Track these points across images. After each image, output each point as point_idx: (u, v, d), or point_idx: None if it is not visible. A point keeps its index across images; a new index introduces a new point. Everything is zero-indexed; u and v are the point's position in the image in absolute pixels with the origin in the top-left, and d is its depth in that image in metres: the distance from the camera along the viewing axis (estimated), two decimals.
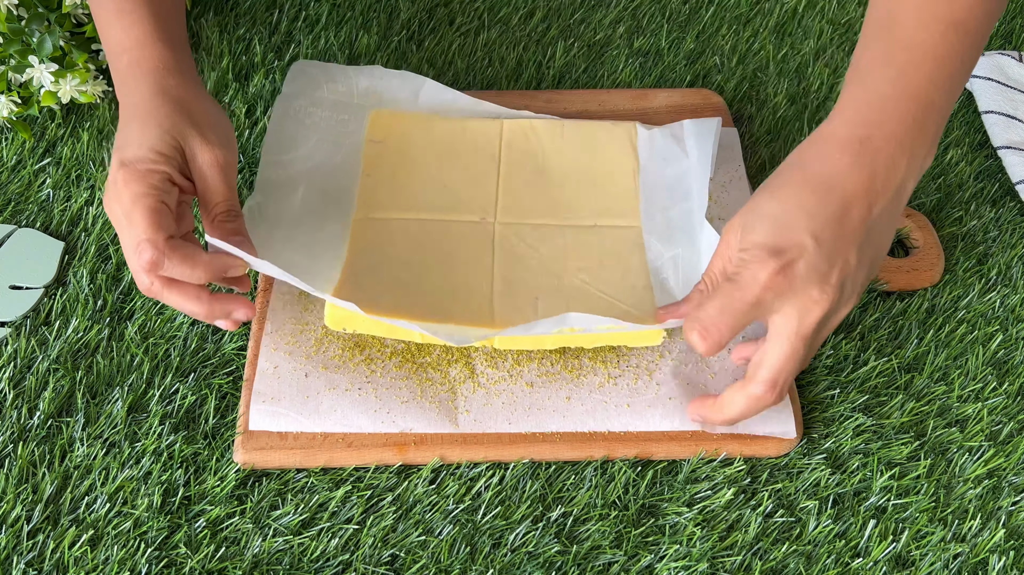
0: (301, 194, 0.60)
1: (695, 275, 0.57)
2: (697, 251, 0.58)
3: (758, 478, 0.53)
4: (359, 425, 0.52)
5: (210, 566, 0.48)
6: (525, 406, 0.53)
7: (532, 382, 0.54)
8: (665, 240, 0.59)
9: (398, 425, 0.52)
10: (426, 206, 0.61)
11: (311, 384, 0.53)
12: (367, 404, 0.53)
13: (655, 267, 0.58)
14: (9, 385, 0.54)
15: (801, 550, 0.50)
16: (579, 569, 0.49)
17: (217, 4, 0.78)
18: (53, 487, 0.51)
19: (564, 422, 0.53)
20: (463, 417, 0.53)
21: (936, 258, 0.62)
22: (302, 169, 0.62)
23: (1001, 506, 0.52)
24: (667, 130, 0.65)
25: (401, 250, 0.58)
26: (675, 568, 0.49)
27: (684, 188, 0.62)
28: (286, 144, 0.63)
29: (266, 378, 0.53)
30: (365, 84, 0.66)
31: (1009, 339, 0.60)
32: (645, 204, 0.62)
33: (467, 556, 0.49)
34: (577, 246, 0.59)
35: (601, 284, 0.57)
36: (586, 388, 0.54)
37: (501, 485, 0.52)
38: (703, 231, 0.57)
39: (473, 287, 0.56)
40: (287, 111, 0.65)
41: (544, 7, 0.80)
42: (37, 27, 0.65)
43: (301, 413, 0.52)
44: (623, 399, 0.53)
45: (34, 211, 0.63)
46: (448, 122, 0.66)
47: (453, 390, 0.53)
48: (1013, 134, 0.70)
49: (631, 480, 0.52)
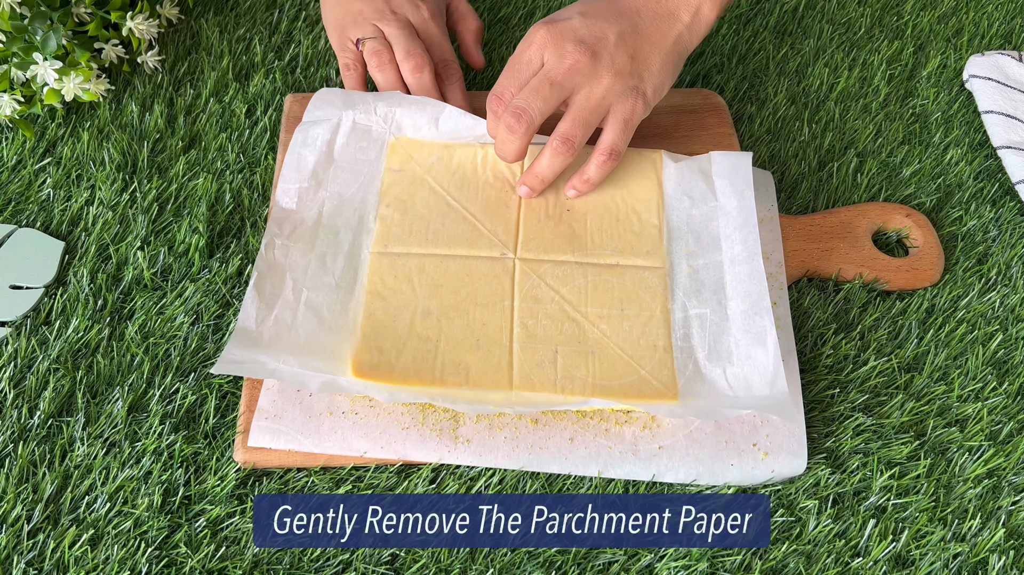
0: (317, 225, 0.59)
1: (722, 340, 0.55)
2: (725, 317, 0.56)
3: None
4: (359, 449, 0.51)
5: (210, 566, 0.48)
6: (527, 443, 0.52)
7: (537, 418, 0.53)
8: (691, 294, 0.57)
9: (397, 452, 0.51)
10: (446, 240, 0.59)
11: (314, 404, 0.53)
12: (368, 428, 0.52)
13: (677, 320, 0.56)
14: (9, 385, 0.54)
15: (801, 550, 0.50)
16: (579, 569, 0.49)
17: (217, 4, 0.78)
18: (53, 487, 0.51)
19: (565, 464, 0.52)
20: (463, 447, 0.52)
21: (936, 258, 0.62)
22: (320, 199, 0.61)
23: (1001, 506, 0.52)
24: (694, 164, 0.63)
25: (420, 296, 0.56)
26: (675, 568, 0.49)
27: (711, 236, 0.60)
28: (304, 172, 0.62)
29: (270, 395, 0.53)
30: (384, 111, 0.65)
31: (1009, 339, 0.60)
32: (669, 244, 0.60)
33: (467, 556, 0.49)
34: (598, 288, 0.57)
35: (621, 340, 0.55)
36: (591, 432, 0.52)
37: (501, 485, 0.52)
38: (758, 325, 0.55)
39: (493, 339, 0.55)
40: (306, 139, 0.63)
41: (544, 7, 0.80)
42: (40, 25, 0.65)
43: (302, 433, 0.52)
44: (627, 447, 0.52)
45: (34, 211, 0.63)
46: (468, 148, 0.64)
47: (455, 419, 0.53)
48: (1013, 134, 0.70)
49: (631, 480, 0.52)
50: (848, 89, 0.75)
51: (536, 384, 0.53)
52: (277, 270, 0.57)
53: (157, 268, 0.60)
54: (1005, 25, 0.81)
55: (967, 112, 0.74)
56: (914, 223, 0.64)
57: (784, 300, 0.59)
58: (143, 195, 0.64)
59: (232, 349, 0.52)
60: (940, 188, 0.68)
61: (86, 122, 0.68)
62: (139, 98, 0.70)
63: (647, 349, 0.55)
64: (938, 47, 0.79)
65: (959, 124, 0.73)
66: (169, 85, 0.71)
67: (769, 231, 0.62)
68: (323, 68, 0.73)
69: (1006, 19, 0.82)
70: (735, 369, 0.54)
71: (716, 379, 0.54)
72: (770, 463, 0.52)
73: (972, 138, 0.72)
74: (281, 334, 0.54)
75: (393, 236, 0.59)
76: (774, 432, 0.52)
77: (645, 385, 0.53)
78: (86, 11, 0.69)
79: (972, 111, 0.74)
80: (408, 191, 0.62)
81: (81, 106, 0.69)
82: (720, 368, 0.54)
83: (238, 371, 0.51)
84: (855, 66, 0.77)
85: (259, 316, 0.54)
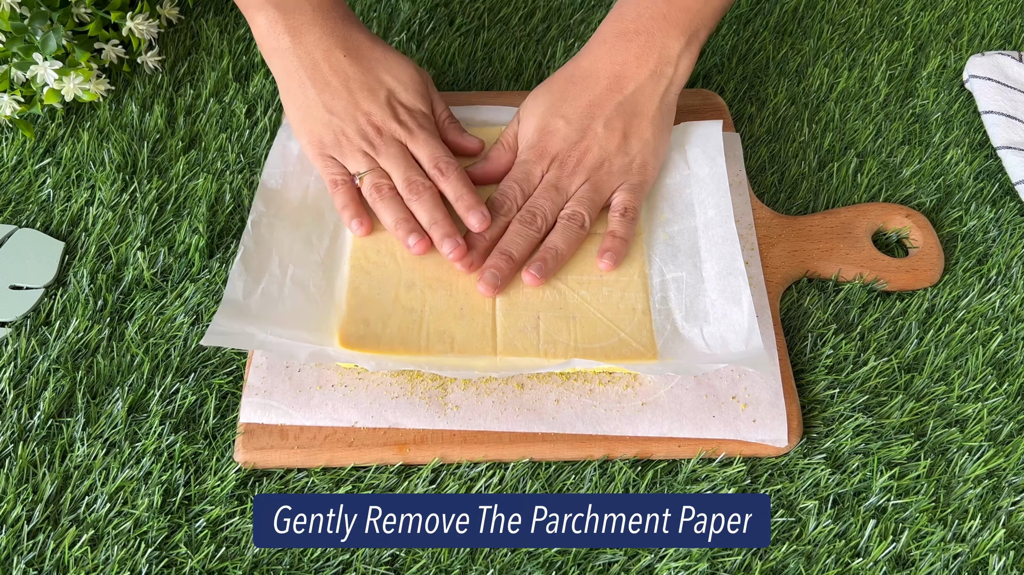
0: (303, 205, 0.61)
1: (698, 301, 0.57)
2: (701, 279, 0.58)
3: (758, 478, 0.53)
4: (349, 419, 0.52)
5: (210, 566, 0.48)
6: (515, 407, 0.53)
7: (523, 383, 0.54)
8: (667, 259, 0.59)
9: (388, 420, 0.52)
10: None
11: (303, 379, 0.53)
12: (357, 399, 0.53)
13: (655, 285, 0.58)
14: (9, 385, 0.54)
15: (801, 550, 0.50)
16: (579, 569, 0.49)
17: (217, 4, 0.78)
18: (53, 487, 0.51)
19: (553, 424, 0.53)
20: (452, 413, 0.53)
21: (936, 258, 0.62)
22: (304, 181, 0.62)
23: (1001, 506, 0.52)
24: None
25: (404, 269, 0.57)
26: (675, 568, 0.49)
27: (685, 202, 0.62)
28: (290, 158, 0.63)
29: (260, 371, 0.54)
30: None
31: (1009, 339, 0.60)
32: (646, 212, 0.62)
33: (467, 556, 0.49)
34: (578, 256, 0.59)
35: (601, 304, 0.56)
36: (576, 392, 0.54)
37: (501, 485, 0.52)
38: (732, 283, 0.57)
39: (476, 307, 0.56)
40: (290, 133, 0.65)
41: (544, 7, 0.80)
42: (40, 26, 0.65)
43: (292, 407, 0.52)
44: (612, 404, 0.53)
45: (34, 211, 0.63)
46: None
47: (444, 387, 0.54)
48: (1013, 134, 0.70)
49: (631, 480, 0.52)
50: (848, 89, 0.75)
51: (520, 349, 0.54)
52: (264, 246, 0.58)
53: (157, 268, 0.60)
54: (1005, 25, 0.81)
55: (967, 112, 0.74)
56: (914, 223, 0.64)
57: (756, 260, 0.61)
58: (143, 195, 0.64)
59: (220, 320, 0.52)
60: (940, 188, 0.68)
61: (86, 122, 0.68)
62: (139, 98, 0.70)
63: (626, 312, 0.56)
64: (938, 47, 0.79)
65: (959, 124, 0.73)
66: (169, 85, 0.71)
67: (738, 195, 0.64)
68: None
69: (1006, 19, 0.82)
70: (712, 328, 0.56)
71: (694, 338, 0.55)
72: (750, 413, 0.53)
73: (972, 138, 0.72)
74: (268, 306, 0.55)
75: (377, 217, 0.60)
76: (752, 386, 0.54)
77: (625, 346, 0.54)
78: (86, 11, 0.69)
79: (972, 111, 0.74)
80: None
81: (81, 106, 0.69)
82: (697, 328, 0.56)
83: (227, 343, 0.51)
84: (855, 66, 0.77)
85: (246, 289, 0.55)
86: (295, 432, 0.52)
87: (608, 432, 0.53)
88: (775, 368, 0.55)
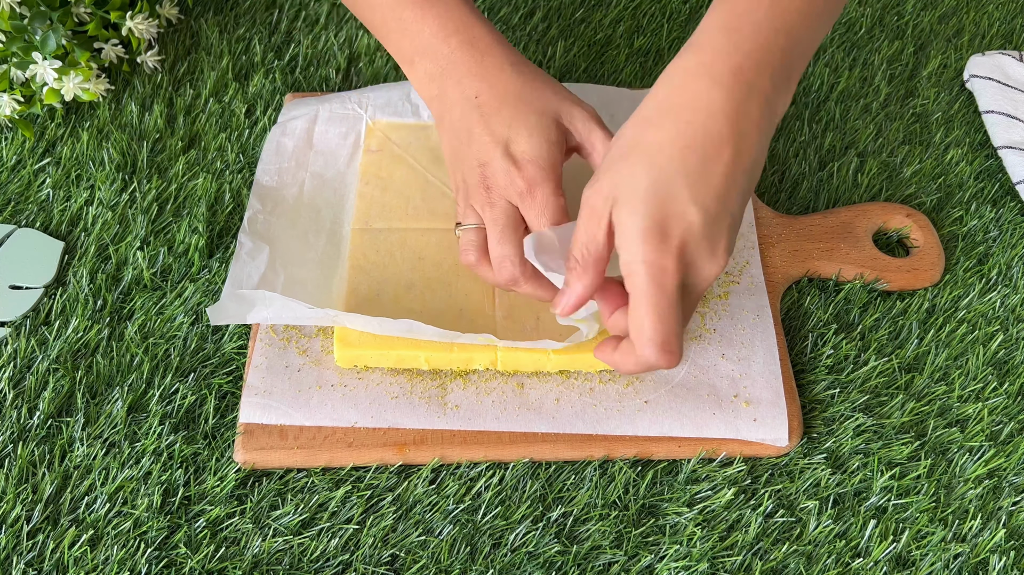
0: (298, 203, 0.61)
1: None
2: None
3: (758, 478, 0.53)
4: (349, 419, 0.52)
5: (210, 566, 0.48)
6: (515, 406, 0.53)
7: (523, 383, 0.54)
8: None
9: (387, 420, 0.52)
10: (426, 214, 0.60)
11: (303, 379, 0.54)
12: (357, 399, 0.53)
13: None
14: (9, 385, 0.54)
15: (801, 550, 0.50)
16: (579, 569, 0.49)
17: (217, 4, 0.78)
18: (53, 487, 0.51)
19: (553, 423, 0.53)
20: (452, 413, 0.53)
21: (936, 258, 0.62)
22: (300, 178, 0.63)
23: (1001, 506, 0.52)
24: None
25: (403, 269, 0.57)
26: (675, 568, 0.49)
27: None
28: (284, 155, 0.64)
29: (259, 372, 0.54)
30: (357, 98, 0.67)
31: (1009, 339, 0.60)
32: None
33: (467, 556, 0.49)
34: None
35: None
36: (576, 391, 0.54)
37: (501, 485, 0.52)
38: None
39: (476, 309, 0.56)
40: (285, 130, 0.66)
41: (544, 7, 0.80)
42: (39, 25, 0.65)
43: (292, 407, 0.52)
44: (613, 403, 0.53)
45: (34, 211, 0.63)
46: None
47: (443, 386, 0.54)
48: (1013, 134, 0.70)
49: (631, 480, 0.52)
50: (849, 89, 0.75)
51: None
52: (260, 243, 0.58)
53: (157, 268, 0.60)
54: (1006, 25, 0.81)
55: (968, 112, 0.74)
56: (915, 223, 0.64)
57: (756, 259, 0.60)
58: (143, 195, 0.64)
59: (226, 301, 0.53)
60: (941, 188, 0.68)
61: (86, 122, 0.68)
62: (139, 98, 0.70)
63: None
64: (939, 47, 0.79)
65: (960, 124, 0.73)
66: (169, 85, 0.71)
67: None
68: (323, 68, 0.73)
69: (1006, 19, 0.82)
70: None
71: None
72: (751, 412, 0.53)
73: (973, 138, 0.72)
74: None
75: (374, 213, 0.60)
76: (752, 385, 0.54)
77: None
78: (86, 11, 0.69)
79: (973, 111, 0.74)
80: (387, 170, 0.63)
81: (81, 106, 0.69)
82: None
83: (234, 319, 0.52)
84: (855, 66, 0.77)
85: (246, 284, 0.56)
86: (295, 432, 0.52)
87: (609, 431, 0.53)
88: (776, 367, 0.55)
